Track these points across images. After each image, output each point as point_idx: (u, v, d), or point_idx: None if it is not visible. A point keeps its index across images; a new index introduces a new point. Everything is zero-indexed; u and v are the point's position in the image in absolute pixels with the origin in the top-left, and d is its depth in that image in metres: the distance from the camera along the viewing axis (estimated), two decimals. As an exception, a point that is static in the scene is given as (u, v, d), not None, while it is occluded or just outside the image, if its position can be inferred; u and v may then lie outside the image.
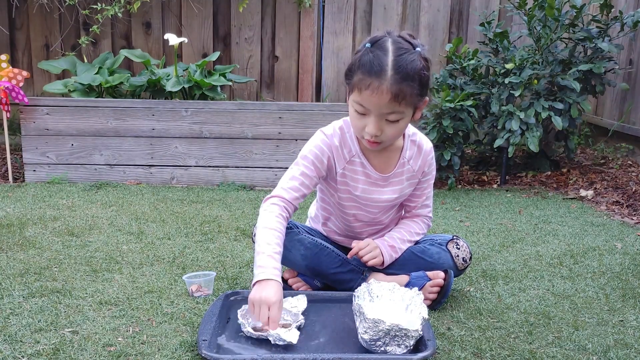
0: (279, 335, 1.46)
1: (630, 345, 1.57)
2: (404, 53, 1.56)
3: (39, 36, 4.16)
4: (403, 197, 1.86)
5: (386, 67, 1.53)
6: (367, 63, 1.55)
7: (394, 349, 1.44)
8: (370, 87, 1.54)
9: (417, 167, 1.82)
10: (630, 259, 2.27)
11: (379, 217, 1.87)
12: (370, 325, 1.43)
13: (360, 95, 1.57)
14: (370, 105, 1.57)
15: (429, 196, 1.90)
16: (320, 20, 4.31)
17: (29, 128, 3.33)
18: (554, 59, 3.36)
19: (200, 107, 3.36)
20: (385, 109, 1.57)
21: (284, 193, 1.71)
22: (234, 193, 3.25)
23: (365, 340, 1.44)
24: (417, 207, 1.90)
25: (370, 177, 1.78)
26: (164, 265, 2.09)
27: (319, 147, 1.75)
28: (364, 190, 1.79)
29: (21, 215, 2.66)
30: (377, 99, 1.55)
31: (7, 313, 1.65)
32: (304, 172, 1.74)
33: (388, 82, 1.53)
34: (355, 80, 1.57)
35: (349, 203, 1.82)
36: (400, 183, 1.81)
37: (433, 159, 1.87)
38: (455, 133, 3.32)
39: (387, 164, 1.79)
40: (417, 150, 1.82)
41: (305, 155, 1.75)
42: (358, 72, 1.57)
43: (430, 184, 1.89)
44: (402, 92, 1.54)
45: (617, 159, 3.81)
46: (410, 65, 1.54)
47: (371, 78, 1.54)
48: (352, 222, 1.87)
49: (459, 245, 1.87)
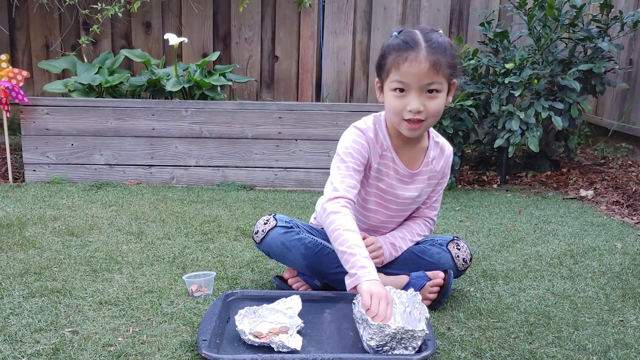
0: (283, 342, 1.43)
1: (630, 345, 1.57)
2: (431, 33, 1.65)
3: (39, 36, 4.16)
4: (422, 197, 1.88)
5: (419, 40, 1.62)
6: (400, 42, 1.63)
7: (401, 351, 1.43)
8: (408, 59, 1.60)
9: (439, 168, 1.86)
10: (630, 259, 2.27)
11: (396, 216, 1.89)
12: (376, 331, 1.42)
13: (399, 71, 1.62)
14: (410, 78, 1.61)
15: (437, 199, 1.93)
16: (320, 20, 4.31)
17: (29, 128, 3.33)
18: (554, 58, 3.36)
19: (200, 107, 3.36)
20: (425, 79, 1.61)
21: (347, 193, 1.68)
22: (234, 193, 3.25)
23: (372, 346, 1.43)
24: (425, 208, 1.92)
25: (399, 172, 1.80)
26: (164, 265, 2.09)
27: (358, 142, 1.75)
28: (391, 185, 1.81)
29: (21, 215, 2.66)
30: (417, 69, 1.60)
31: (7, 313, 1.65)
32: (355, 168, 1.73)
33: (424, 51, 1.60)
34: (390, 61, 1.63)
35: (374, 198, 1.84)
36: (423, 182, 1.84)
37: (451, 162, 1.91)
38: (455, 133, 3.32)
39: (415, 161, 1.82)
40: (440, 151, 1.86)
41: (349, 152, 1.74)
42: (392, 53, 1.64)
43: (443, 187, 1.92)
44: (438, 60, 1.61)
45: (617, 159, 3.81)
46: (441, 39, 1.64)
47: (407, 52, 1.61)
48: (369, 220, 1.88)
49: (459, 246, 1.87)
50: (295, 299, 1.64)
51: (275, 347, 1.45)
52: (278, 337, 1.45)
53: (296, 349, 1.43)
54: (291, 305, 1.62)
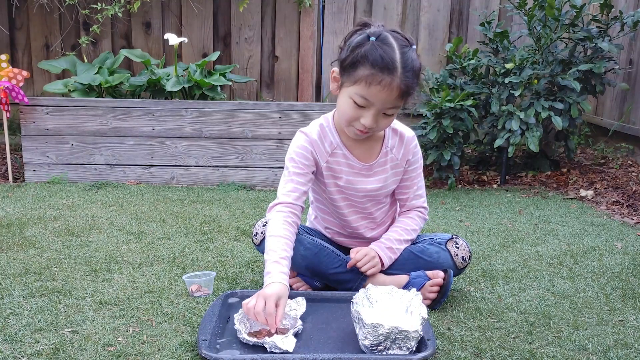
0: (275, 343, 1.43)
1: (630, 345, 1.57)
2: (407, 50, 1.60)
3: (39, 36, 4.16)
4: (389, 187, 1.86)
5: (397, 64, 1.57)
6: (378, 58, 1.57)
7: (395, 352, 1.42)
8: (381, 83, 1.57)
9: (401, 156, 1.84)
10: (630, 259, 2.27)
11: (370, 209, 1.88)
12: (370, 330, 1.41)
13: (368, 90, 1.59)
14: (376, 100, 1.60)
15: (420, 185, 1.91)
16: (320, 20, 4.31)
17: (29, 128, 3.33)
18: (554, 58, 3.36)
19: (200, 107, 3.36)
20: (389, 104, 1.61)
21: (284, 197, 1.74)
22: (234, 193, 3.25)
23: (366, 346, 1.43)
24: (411, 199, 1.90)
25: (354, 167, 1.81)
26: (164, 265, 2.09)
27: (301, 146, 1.80)
28: (348, 181, 1.82)
29: (21, 215, 2.66)
30: (386, 95, 1.58)
31: (7, 313, 1.65)
32: (295, 172, 1.77)
33: (398, 78, 1.57)
34: (363, 74, 1.58)
35: (338, 196, 1.85)
36: (385, 172, 1.83)
37: (417, 147, 1.88)
38: (455, 133, 3.32)
39: (370, 153, 1.82)
40: (399, 139, 1.84)
41: (291, 157, 1.80)
42: (367, 65, 1.58)
43: (419, 172, 1.89)
44: (408, 89, 1.59)
45: (617, 159, 3.81)
46: (415, 62, 1.61)
47: (383, 74, 1.56)
48: (346, 216, 1.88)
49: (458, 245, 1.87)
50: (300, 301, 1.65)
51: (268, 348, 1.44)
52: (271, 338, 1.45)
53: (288, 350, 1.43)
54: (295, 307, 1.62)
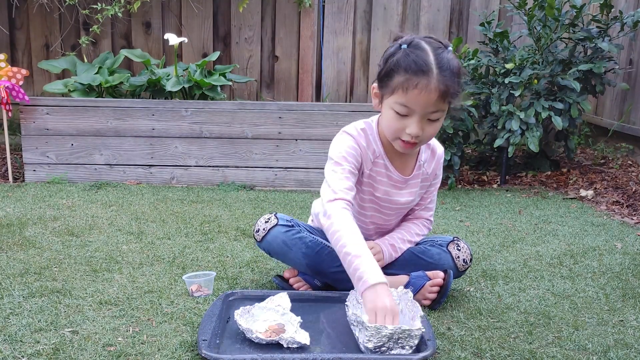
0: (294, 338, 1.45)
1: (630, 345, 1.57)
2: (442, 52, 1.58)
3: (39, 36, 4.16)
4: (416, 201, 1.87)
5: (432, 66, 1.54)
6: (411, 63, 1.55)
7: (398, 351, 1.42)
8: (418, 87, 1.54)
9: (430, 171, 1.84)
10: (630, 259, 2.27)
11: (392, 221, 1.88)
12: (373, 332, 1.41)
13: (406, 96, 1.56)
14: (416, 104, 1.57)
15: (432, 200, 1.92)
16: (320, 20, 4.31)
17: (29, 128, 3.33)
18: (554, 58, 3.36)
19: (200, 107, 3.36)
20: (431, 108, 1.57)
21: (345, 195, 1.66)
22: (234, 193, 3.25)
23: (370, 348, 1.42)
24: (420, 210, 1.92)
25: (392, 179, 1.79)
26: (164, 265, 2.09)
27: (352, 147, 1.73)
28: (386, 192, 1.80)
29: (21, 215, 2.66)
30: (426, 98, 1.55)
31: (7, 313, 1.65)
32: (350, 170, 1.71)
33: (436, 79, 1.54)
34: (399, 81, 1.56)
35: (369, 204, 1.83)
36: (416, 186, 1.83)
37: (442, 163, 1.89)
38: (455, 133, 3.32)
39: (407, 166, 1.81)
40: (431, 153, 1.84)
41: (343, 156, 1.72)
42: (401, 72, 1.56)
43: (436, 187, 1.91)
44: (448, 89, 1.56)
45: (617, 159, 3.80)
46: (452, 62, 1.57)
47: (418, 77, 1.54)
48: (366, 224, 1.87)
49: (459, 247, 1.87)
50: (283, 296, 1.64)
51: (284, 344, 1.46)
52: (287, 334, 1.46)
53: (306, 343, 1.45)
54: (280, 303, 1.61)
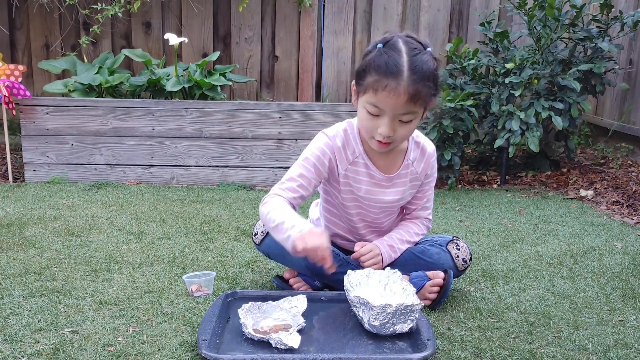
0: (281, 339, 1.44)
1: (630, 345, 1.57)
2: (418, 53, 1.57)
3: (39, 36, 4.16)
4: (406, 200, 1.86)
5: (402, 68, 1.54)
6: (382, 64, 1.55)
7: (400, 326, 1.52)
8: (387, 88, 1.54)
9: (421, 170, 1.83)
10: (630, 259, 2.27)
11: (382, 219, 1.87)
12: (379, 311, 1.50)
13: (376, 96, 1.57)
14: (385, 106, 1.57)
15: (429, 198, 1.91)
16: (321, 20, 4.31)
17: (29, 128, 3.33)
18: (554, 58, 3.36)
19: (200, 107, 3.36)
20: (401, 110, 1.57)
21: (282, 193, 1.70)
22: (234, 193, 3.25)
23: (376, 326, 1.52)
24: (417, 209, 1.91)
25: (374, 177, 1.78)
26: (164, 265, 2.09)
27: (320, 149, 1.75)
28: (368, 191, 1.79)
29: (21, 215, 2.66)
30: (394, 100, 1.55)
31: (7, 313, 1.65)
32: (303, 174, 1.73)
33: (405, 82, 1.53)
34: (370, 81, 1.57)
35: (352, 203, 1.82)
36: (404, 185, 1.82)
37: (435, 161, 1.87)
38: (455, 133, 3.32)
39: (392, 165, 1.80)
40: (421, 152, 1.83)
41: (307, 157, 1.75)
42: (372, 73, 1.57)
43: (431, 186, 1.89)
44: (418, 92, 1.55)
45: (617, 159, 3.81)
46: (425, 65, 1.56)
47: (388, 79, 1.54)
48: (356, 223, 1.87)
49: (459, 246, 1.87)
50: (301, 299, 1.65)
51: (273, 344, 1.46)
52: (277, 334, 1.46)
53: (293, 346, 1.44)
54: (296, 305, 1.63)
